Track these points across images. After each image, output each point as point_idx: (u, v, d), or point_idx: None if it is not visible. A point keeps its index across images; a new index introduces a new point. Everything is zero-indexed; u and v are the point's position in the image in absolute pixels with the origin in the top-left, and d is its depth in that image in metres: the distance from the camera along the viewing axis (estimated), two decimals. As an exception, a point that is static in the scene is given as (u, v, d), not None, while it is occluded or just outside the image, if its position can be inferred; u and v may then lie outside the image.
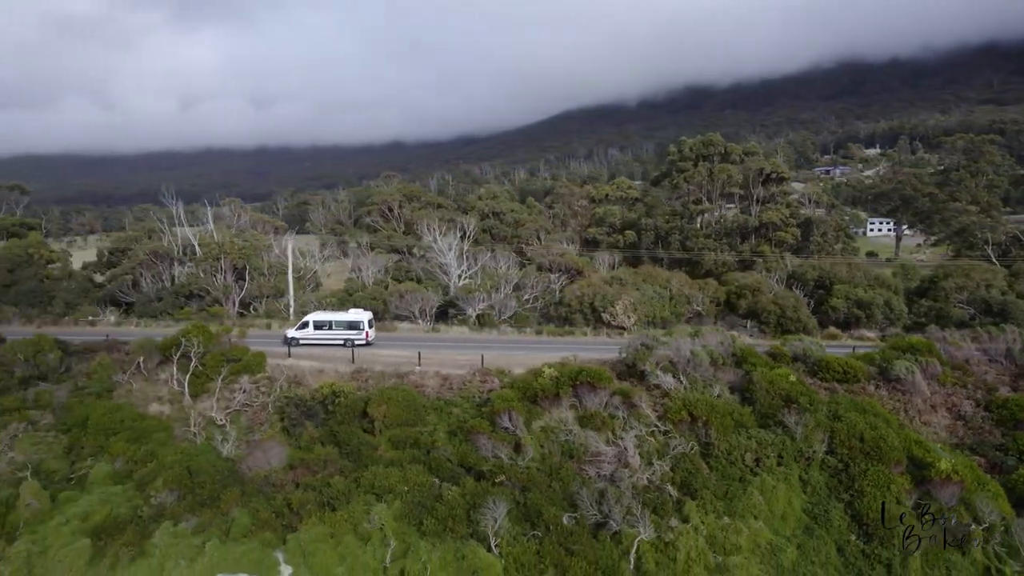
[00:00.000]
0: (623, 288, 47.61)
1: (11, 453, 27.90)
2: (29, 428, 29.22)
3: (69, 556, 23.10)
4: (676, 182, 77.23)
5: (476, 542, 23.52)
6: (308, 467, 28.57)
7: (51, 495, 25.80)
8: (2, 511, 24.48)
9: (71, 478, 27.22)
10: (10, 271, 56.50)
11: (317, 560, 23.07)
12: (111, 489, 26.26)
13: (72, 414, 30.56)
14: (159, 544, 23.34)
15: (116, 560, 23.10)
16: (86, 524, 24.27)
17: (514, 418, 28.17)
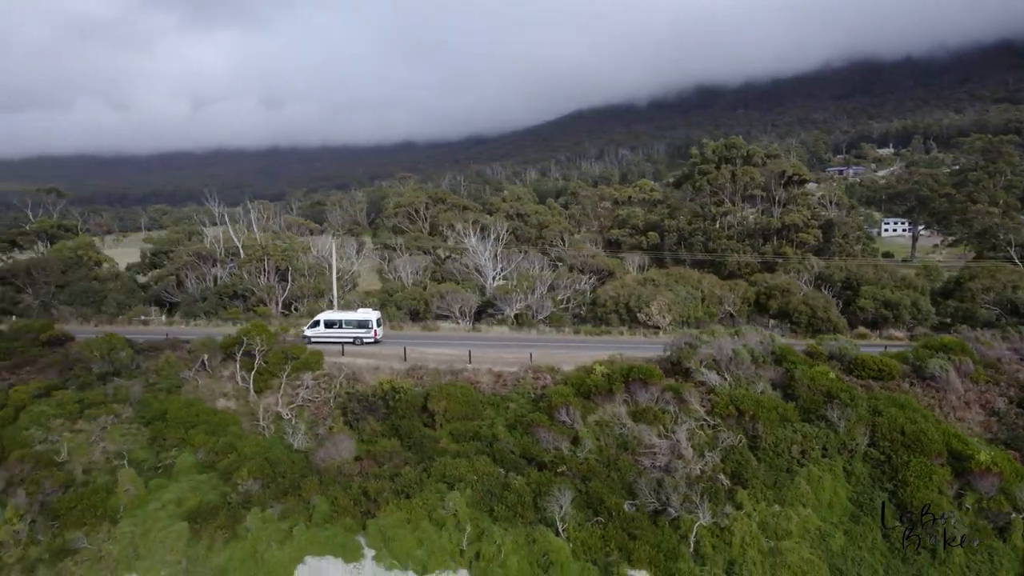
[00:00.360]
0: (656, 289, 49.18)
1: (103, 443, 29.84)
2: (115, 420, 31.15)
3: (169, 537, 24.99)
4: (699, 184, 78.58)
5: (545, 527, 25.25)
6: (374, 459, 30.37)
7: (144, 482, 27.73)
8: (103, 496, 26.37)
9: (158, 467, 29.13)
10: (63, 272, 58.69)
11: (397, 544, 24.85)
12: (197, 477, 28.17)
13: (150, 408, 32.51)
14: (251, 528, 25.19)
15: (212, 542, 24.97)
16: (180, 509, 26.16)
17: (571, 412, 29.89)
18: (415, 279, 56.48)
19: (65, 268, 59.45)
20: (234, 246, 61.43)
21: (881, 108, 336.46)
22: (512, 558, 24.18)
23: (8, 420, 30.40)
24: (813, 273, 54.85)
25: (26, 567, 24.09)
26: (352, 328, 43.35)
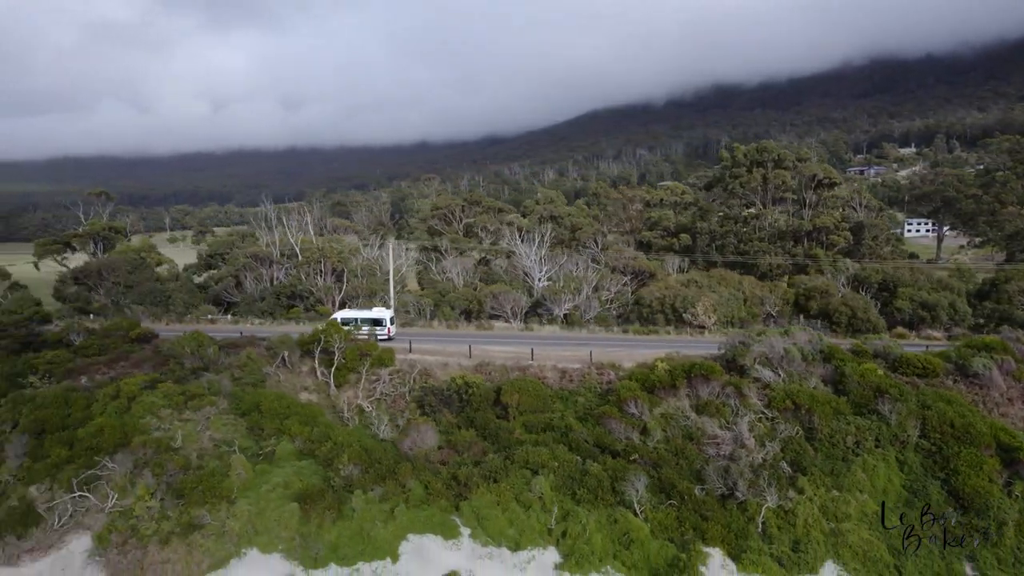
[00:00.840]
0: (700, 290, 51.33)
1: (208, 432, 32.65)
2: (215, 411, 33.99)
3: (283, 516, 27.67)
4: (732, 187, 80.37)
5: (624, 508, 27.62)
6: (454, 448, 32.92)
7: (251, 466, 30.47)
8: (218, 478, 29.11)
9: (260, 454, 31.85)
10: (130, 273, 61.97)
11: (490, 523, 27.35)
12: (298, 463, 30.87)
13: (243, 400, 35.27)
14: (356, 508, 27.81)
15: (321, 521, 27.61)
16: (289, 491, 28.85)
17: (639, 405, 32.25)
18: (466, 280, 59.02)
19: (132, 269, 62.75)
20: (290, 248, 64.37)
21: (902, 107, 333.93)
22: (596, 536, 26.58)
23: (123, 409, 33.30)
24: (849, 275, 56.66)
25: (162, 538, 26.86)
26: (367, 326, 46.08)
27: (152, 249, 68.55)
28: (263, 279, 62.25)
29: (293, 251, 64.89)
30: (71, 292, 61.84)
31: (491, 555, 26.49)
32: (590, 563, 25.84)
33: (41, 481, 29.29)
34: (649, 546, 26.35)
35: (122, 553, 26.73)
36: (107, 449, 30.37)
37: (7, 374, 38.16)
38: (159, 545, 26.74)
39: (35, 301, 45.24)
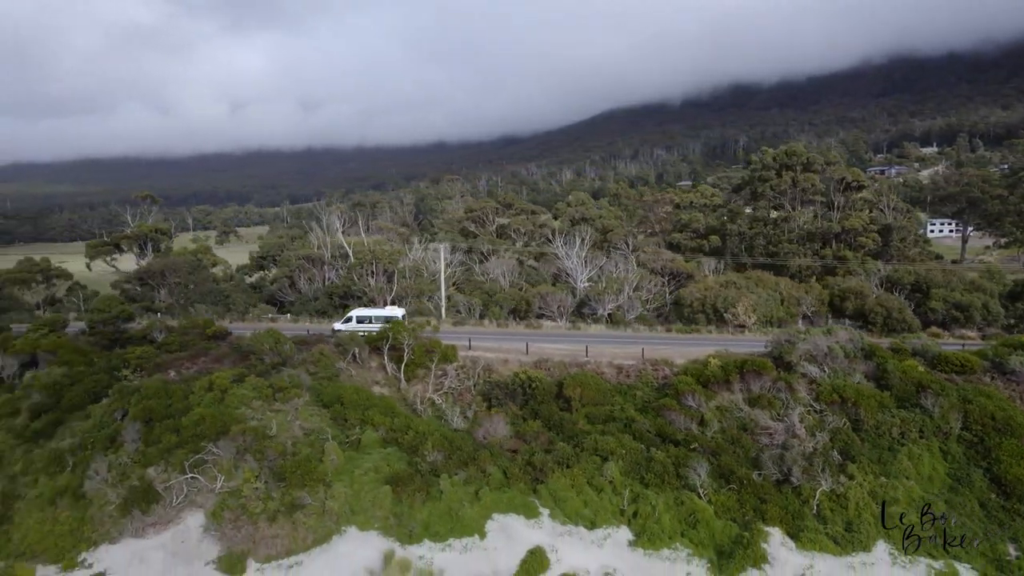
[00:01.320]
0: (739, 291, 53.59)
1: (297, 421, 35.60)
2: (301, 403, 36.92)
3: (377, 497, 30.51)
4: (762, 191, 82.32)
5: (688, 491, 30.15)
6: (522, 437, 35.60)
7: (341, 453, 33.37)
8: (314, 463, 31.99)
9: (346, 442, 34.73)
10: (190, 273, 65.39)
11: (567, 504, 30.00)
12: (384, 450, 33.71)
13: (325, 393, 38.21)
14: (443, 490, 30.57)
15: (412, 502, 30.40)
16: (379, 475, 31.69)
17: (696, 398, 34.74)
18: (511, 280, 61.71)
19: (191, 270, 66.18)
20: (341, 249, 67.45)
21: (923, 105, 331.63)
22: (665, 516, 29.12)
23: (218, 400, 36.33)
24: (881, 276, 58.59)
25: (269, 516, 29.78)
26: (381, 323, 48.76)
27: (208, 251, 72.05)
28: (315, 280, 65.41)
29: (343, 252, 67.97)
30: (136, 292, 65.43)
31: (570, 533, 29.14)
32: (661, 540, 28.39)
33: (156, 464, 32.36)
34: (714, 525, 28.85)
35: (235, 528, 29.69)
36: (210, 436, 33.38)
37: (106, 368, 41.43)
38: (267, 522, 29.67)
39: (120, 301, 48.49)
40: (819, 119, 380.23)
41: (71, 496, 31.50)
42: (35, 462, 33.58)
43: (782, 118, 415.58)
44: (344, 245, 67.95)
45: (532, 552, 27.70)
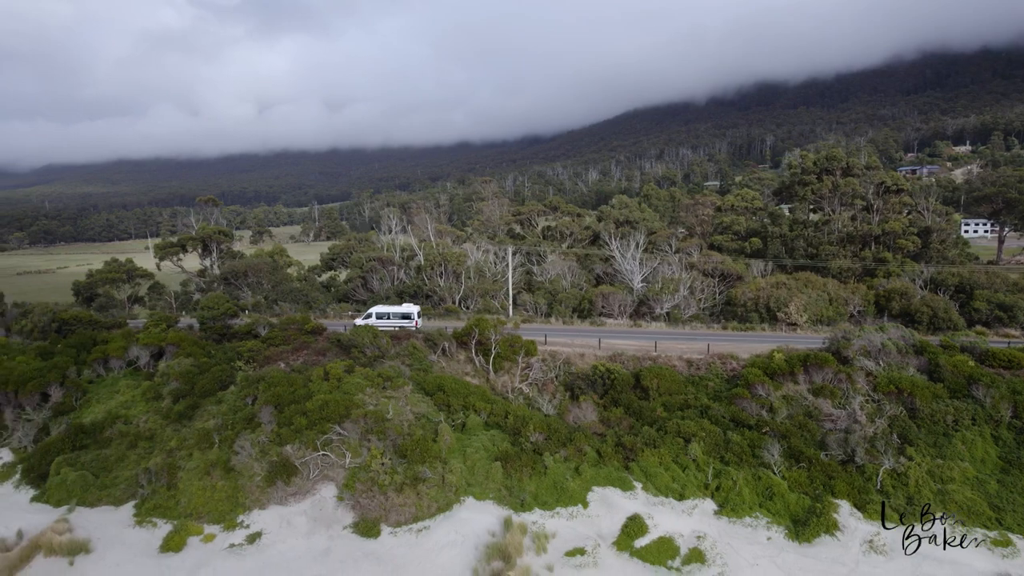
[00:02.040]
0: (790, 292, 57.16)
1: (408, 407, 40.23)
2: (407, 391, 41.56)
3: (490, 472, 35.01)
4: (803, 195, 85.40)
5: (764, 469, 34.13)
6: (606, 422, 39.85)
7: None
8: (429, 443, 36.57)
9: (453, 425, 39.29)
10: (271, 273, 70.69)
11: (657, 479, 34.18)
12: (488, 432, 38.20)
13: (427, 382, 42.84)
14: (548, 466, 34.95)
15: (520, 476, 34.83)
16: (489, 453, 36.19)
17: (765, 388, 38.66)
18: (573, 281, 65.94)
19: (271, 270, 71.49)
20: (410, 251, 72.21)
21: (956, 103, 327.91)
22: (744, 490, 33.15)
23: (334, 387, 41.13)
24: (924, 278, 61.64)
25: (396, 487, 34.40)
26: (398, 319, 54.02)
27: (283, 253, 77.29)
28: (386, 279, 70.28)
29: (406, 254, 72.78)
30: (221, 290, 70.86)
31: (661, 503, 33.30)
32: (742, 510, 32.44)
33: (292, 442, 37.19)
34: (788, 498, 32.79)
35: (368, 498, 34.35)
36: (334, 419, 38.13)
37: (225, 359, 46.55)
38: (395, 492, 34.28)
39: (226, 299, 53.71)
40: (848, 117, 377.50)
41: (222, 468, 36.49)
42: (187, 439, 38.65)
43: (809, 117, 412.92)
44: (415, 248, 72.69)
45: (631, 518, 31.89)
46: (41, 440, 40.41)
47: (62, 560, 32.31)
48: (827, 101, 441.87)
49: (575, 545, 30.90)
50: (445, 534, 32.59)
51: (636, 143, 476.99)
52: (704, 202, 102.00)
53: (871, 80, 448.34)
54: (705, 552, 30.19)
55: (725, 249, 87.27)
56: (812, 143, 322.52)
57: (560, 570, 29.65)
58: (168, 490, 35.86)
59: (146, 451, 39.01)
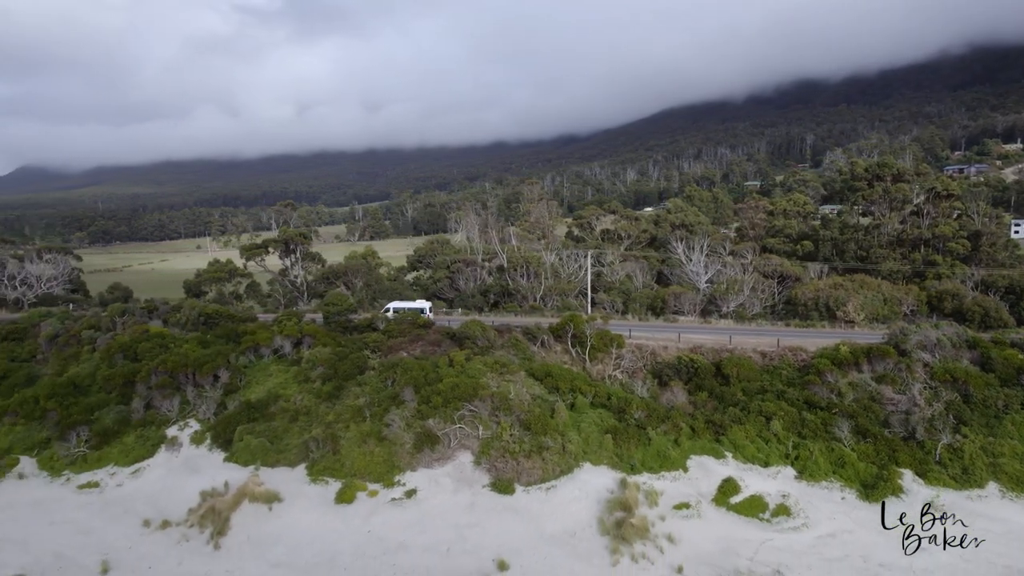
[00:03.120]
0: (847, 292, 62.76)
1: (524, 389, 47.48)
2: (522, 376, 48.83)
3: (602, 443, 42.04)
4: (854, 200, 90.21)
5: (836, 442, 40.38)
6: (693, 404, 46.48)
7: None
8: (547, 419, 43.72)
9: (564, 404, 46.44)
10: (366, 274, 78.94)
11: (745, 450, 40.74)
12: (596, 411, 45.24)
13: (535, 369, 50.01)
14: (651, 438, 41.81)
15: (628, 446, 41.76)
16: (599, 427, 43.21)
17: (834, 375, 44.82)
18: (645, 281, 72.57)
19: (367, 270, 79.77)
20: (490, 253, 79.66)
21: (1006, 99, 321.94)
22: (820, 459, 39.47)
23: (459, 372, 48.61)
24: (976, 280, 66.43)
25: (524, 454, 41.61)
26: (412, 313, 62.85)
27: (375, 255, 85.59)
28: (470, 279, 77.87)
29: (491, 255, 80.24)
30: (322, 289, 79.44)
31: (749, 469, 39.87)
32: (819, 475, 38.78)
33: (432, 417, 44.73)
34: (858, 466, 38.99)
35: (502, 462, 41.66)
36: (464, 398, 45.53)
37: (355, 348, 54.50)
38: (524, 458, 41.51)
39: (346, 297, 61.84)
40: (891, 115, 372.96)
41: (375, 438, 44.25)
42: (342, 414, 46.54)
43: (850, 115, 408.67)
44: (498, 250, 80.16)
45: (725, 480, 38.52)
46: (220, 413, 48.86)
47: (263, 506, 40.44)
48: (869, 98, 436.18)
49: (680, 500, 37.73)
50: (570, 491, 39.71)
51: (673, 142, 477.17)
52: (755, 206, 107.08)
53: (916, 76, 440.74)
54: (790, 507, 36.71)
55: (777, 251, 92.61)
56: (854, 142, 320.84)
57: (671, 520, 36.51)
58: (333, 455, 43.73)
59: (306, 424, 47.04)
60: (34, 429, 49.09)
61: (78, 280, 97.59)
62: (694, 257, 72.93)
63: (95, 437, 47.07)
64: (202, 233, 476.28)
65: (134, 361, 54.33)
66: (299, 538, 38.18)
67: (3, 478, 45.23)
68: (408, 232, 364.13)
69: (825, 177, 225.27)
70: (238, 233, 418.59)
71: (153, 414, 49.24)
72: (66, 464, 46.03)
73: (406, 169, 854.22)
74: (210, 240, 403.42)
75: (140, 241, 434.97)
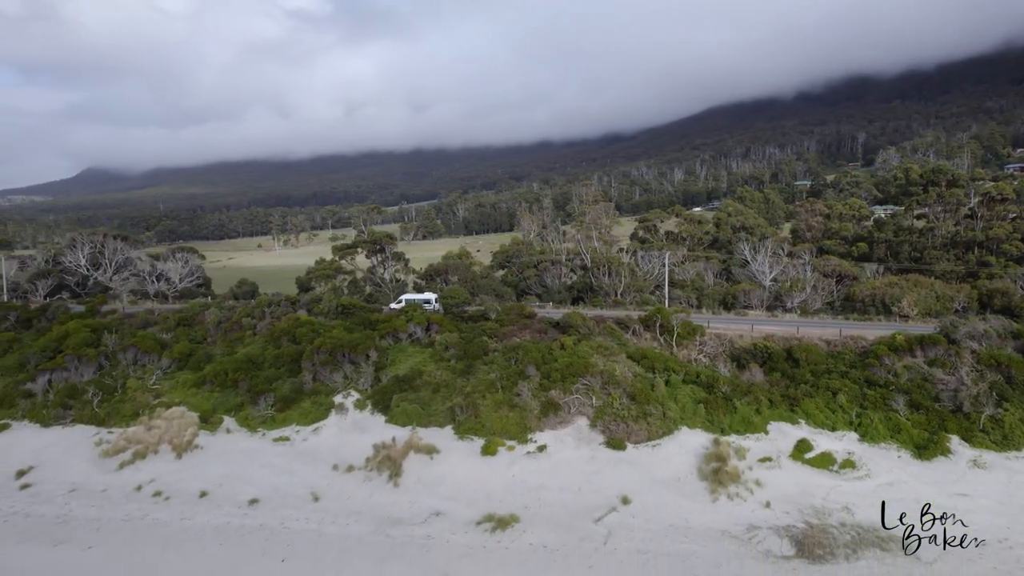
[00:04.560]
0: (902, 290, 70.44)
1: (626, 368, 57.30)
2: (623, 357, 58.67)
3: (697, 411, 51.65)
4: (908, 204, 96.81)
5: (893, 412, 48.99)
6: (768, 382, 55.55)
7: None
8: (649, 391, 53.46)
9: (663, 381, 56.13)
10: (463, 272, 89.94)
11: (815, 418, 49.77)
12: (688, 386, 54.82)
13: (632, 352, 59.77)
14: (737, 408, 51.22)
15: (718, 413, 51.24)
16: (693, 399, 52.83)
17: (891, 359, 53.30)
18: (715, 280, 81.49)
19: (464, 269, 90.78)
20: (572, 253, 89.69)
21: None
22: (879, 425, 48.21)
23: (570, 354, 58.72)
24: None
25: (632, 418, 51.47)
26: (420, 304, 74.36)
27: (468, 255, 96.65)
28: (557, 277, 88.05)
29: (574, 255, 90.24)
30: (423, 285, 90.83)
31: (819, 433, 48.88)
32: (878, 438, 47.52)
33: (553, 388, 55.00)
34: (912, 432, 47.55)
35: (614, 425, 51.65)
36: (577, 374, 55.63)
37: (476, 335, 65.25)
38: (632, 422, 51.42)
39: (462, 291, 72.74)
40: (948, 111, 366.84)
41: (507, 405, 54.82)
42: (478, 387, 57.29)
43: (905, 111, 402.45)
44: (583, 251, 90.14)
45: (800, 441, 47.65)
46: (375, 385, 60.29)
47: (425, 456, 51.44)
48: (925, 94, 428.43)
49: (763, 455, 47.11)
50: (672, 448, 49.50)
51: (719, 141, 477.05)
52: (811, 209, 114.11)
53: (977, 70, 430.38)
54: (855, 462, 45.69)
55: (833, 252, 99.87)
56: (908, 140, 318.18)
57: (757, 470, 45.93)
58: (475, 418, 54.48)
59: (447, 394, 57.93)
60: (229, 395, 61.47)
61: (205, 276, 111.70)
62: (759, 258, 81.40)
63: (278, 402, 59.06)
64: (260, 232, 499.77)
65: (294, 343, 66.39)
66: (458, 480, 49.02)
67: (216, 431, 57.63)
68: (460, 232, 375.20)
69: (878, 177, 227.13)
70: (296, 232, 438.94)
71: (320, 385, 61.02)
72: (259, 423, 58.10)
73: (451, 169, 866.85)
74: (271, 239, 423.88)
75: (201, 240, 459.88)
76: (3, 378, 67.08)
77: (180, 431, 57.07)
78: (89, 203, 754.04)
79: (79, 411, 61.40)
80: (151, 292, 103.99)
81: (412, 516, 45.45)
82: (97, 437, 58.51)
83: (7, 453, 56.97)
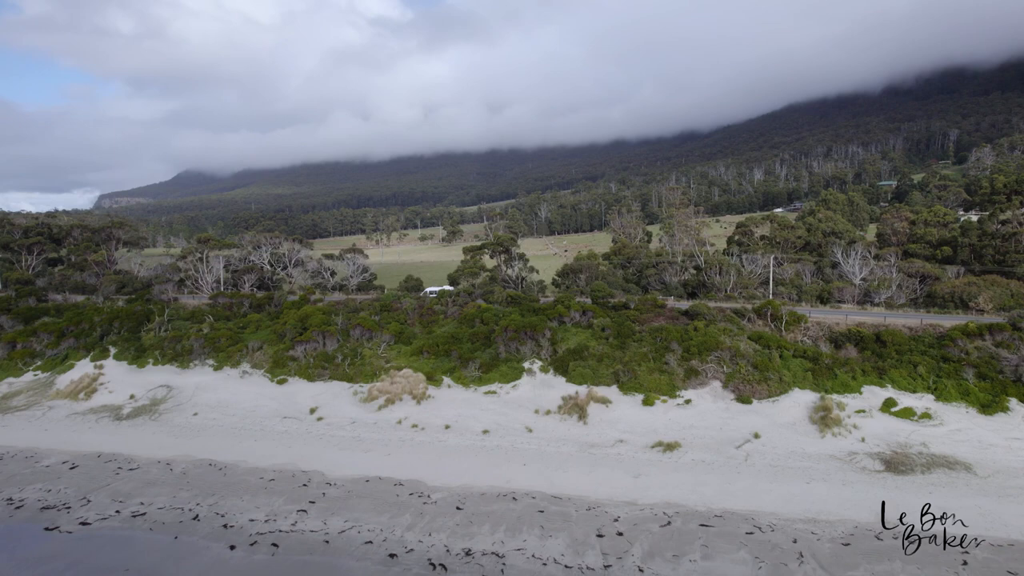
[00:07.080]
0: (979, 288, 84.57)
1: (748, 345, 75.23)
2: (744, 338, 76.59)
3: (806, 376, 69.13)
4: (992, 212, 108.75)
5: (963, 380, 64.90)
6: (861, 358, 72.16)
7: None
8: (767, 361, 71.23)
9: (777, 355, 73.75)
10: (592, 270, 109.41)
11: (899, 384, 66.27)
12: (798, 360, 72.22)
13: (747, 334, 77.56)
14: (837, 375, 68.34)
15: (822, 379, 68.55)
16: (802, 368, 70.27)
17: (963, 341, 68.91)
18: (812, 279, 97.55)
19: (590, 267, 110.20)
20: (685, 254, 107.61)
21: None
22: (952, 390, 64.26)
23: (703, 334, 77.09)
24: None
25: (756, 381, 69.41)
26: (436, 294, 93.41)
27: (595, 256, 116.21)
28: (672, 275, 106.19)
29: (687, 255, 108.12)
30: (561, 281, 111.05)
31: (903, 394, 65.39)
32: (950, 399, 63.61)
33: (693, 359, 73.59)
34: (978, 395, 63.34)
35: (743, 386, 69.77)
36: (710, 349, 73.94)
37: (622, 320, 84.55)
38: (756, 384, 69.40)
39: (606, 286, 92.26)
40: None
41: (658, 371, 73.91)
42: (634, 357, 76.56)
43: (1003, 104, 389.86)
44: (697, 254, 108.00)
45: (888, 399, 64.38)
46: (553, 356, 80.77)
47: (601, 405, 71.28)
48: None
49: (858, 408, 64.24)
50: (787, 403, 67.28)
51: (799, 139, 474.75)
52: (897, 215, 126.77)
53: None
54: (931, 414, 62.17)
55: (917, 255, 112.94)
56: (1006, 136, 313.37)
57: (854, 418, 63.17)
58: (634, 379, 73.87)
59: (609, 363, 77.54)
60: (443, 361, 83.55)
61: (371, 274, 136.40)
62: (849, 260, 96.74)
63: (482, 367, 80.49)
64: (349, 232, 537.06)
65: (483, 324, 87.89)
66: (630, 421, 68.64)
67: (439, 387, 79.69)
68: (543, 232, 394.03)
69: (969, 177, 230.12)
70: (388, 232, 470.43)
71: (510, 355, 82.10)
72: (470, 381, 79.69)
73: (525, 168, 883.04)
74: (364, 238, 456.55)
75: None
76: (272, 347, 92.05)
77: (414, 385, 79.49)
78: (187, 204, 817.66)
79: (333, 371, 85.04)
80: (329, 286, 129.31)
81: (602, 442, 65.45)
82: (352, 389, 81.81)
83: (295, 397, 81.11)
